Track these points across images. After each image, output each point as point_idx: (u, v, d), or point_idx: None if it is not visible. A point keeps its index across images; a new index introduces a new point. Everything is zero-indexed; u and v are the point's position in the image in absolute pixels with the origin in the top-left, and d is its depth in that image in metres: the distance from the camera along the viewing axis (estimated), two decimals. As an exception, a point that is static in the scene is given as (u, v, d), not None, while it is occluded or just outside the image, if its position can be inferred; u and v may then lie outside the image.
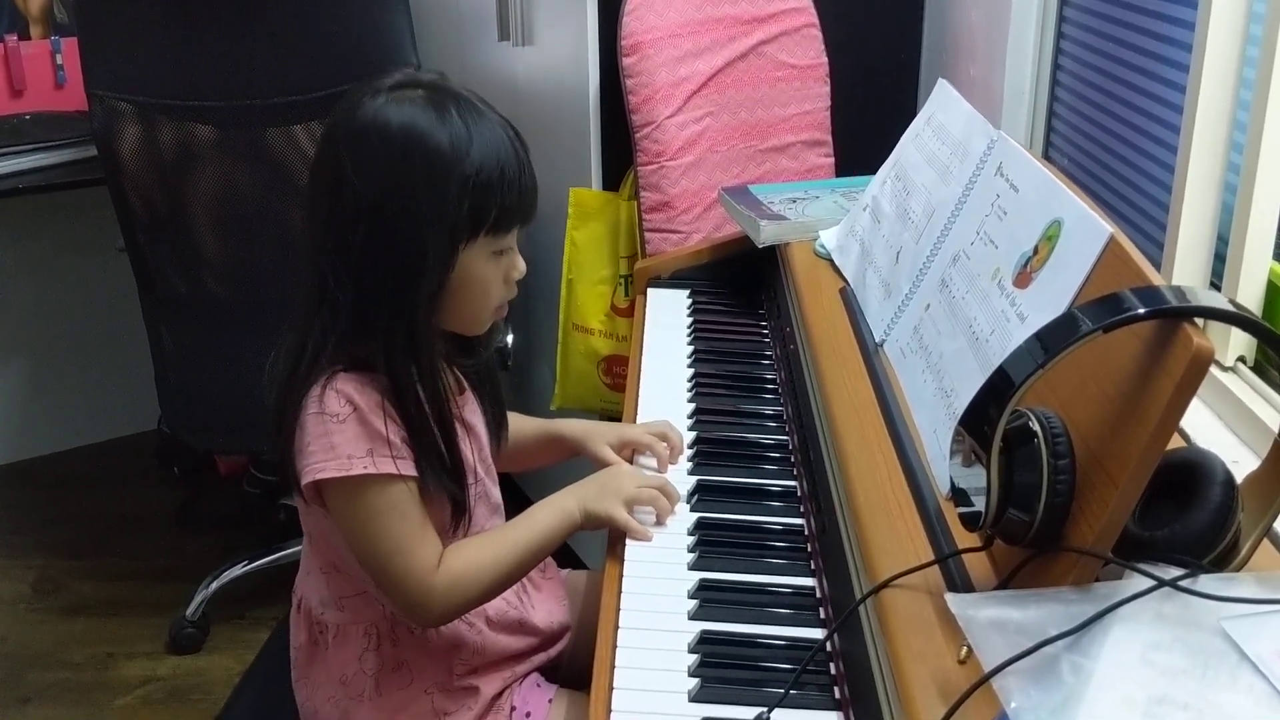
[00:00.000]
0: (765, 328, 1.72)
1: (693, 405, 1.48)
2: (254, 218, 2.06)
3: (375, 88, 1.14)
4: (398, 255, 1.12)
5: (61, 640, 2.35)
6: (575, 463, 1.44)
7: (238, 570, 2.37)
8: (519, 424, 1.42)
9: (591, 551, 2.19)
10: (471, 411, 1.27)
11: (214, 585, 2.35)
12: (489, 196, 1.13)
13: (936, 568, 0.98)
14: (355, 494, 1.13)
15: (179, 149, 2.03)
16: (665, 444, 1.35)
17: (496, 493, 1.32)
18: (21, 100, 2.64)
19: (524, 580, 1.32)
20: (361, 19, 2.06)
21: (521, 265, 1.21)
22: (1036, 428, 0.88)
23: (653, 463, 1.35)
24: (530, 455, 1.44)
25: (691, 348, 1.64)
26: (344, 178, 1.11)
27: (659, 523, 1.24)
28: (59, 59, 2.66)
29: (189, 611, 2.32)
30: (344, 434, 1.12)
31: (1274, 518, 0.90)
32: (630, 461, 1.36)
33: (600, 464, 1.36)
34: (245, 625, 2.37)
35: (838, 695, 1.00)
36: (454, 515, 1.20)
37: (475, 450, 1.26)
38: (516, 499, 1.34)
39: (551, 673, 1.36)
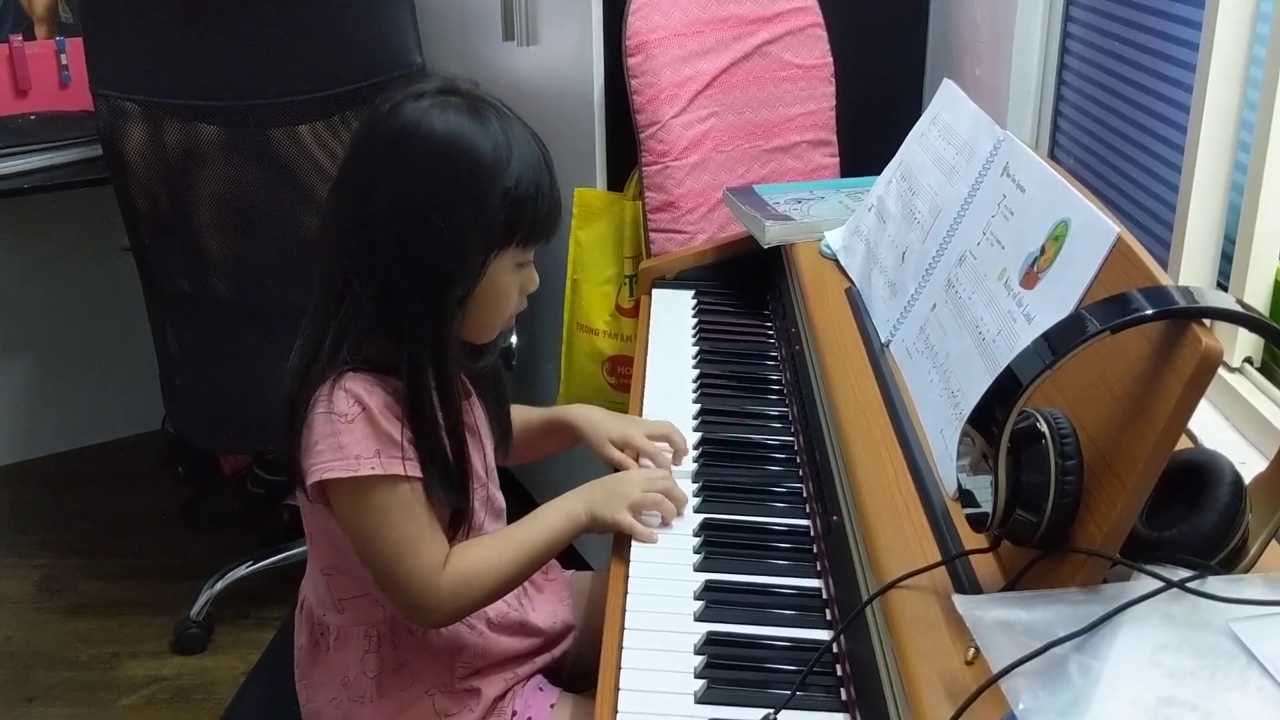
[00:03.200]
0: (770, 328, 1.72)
1: (698, 406, 1.48)
2: (259, 218, 2.06)
3: (416, 91, 1.14)
4: (434, 259, 1.12)
5: (66, 640, 2.36)
6: (581, 464, 1.44)
7: (242, 570, 2.37)
8: (524, 414, 1.43)
9: (596, 552, 2.19)
10: (476, 417, 1.27)
11: (219, 585, 2.35)
12: (524, 208, 1.14)
13: (943, 569, 0.98)
14: (362, 494, 1.13)
15: (184, 149, 2.03)
16: (668, 449, 1.35)
17: (500, 496, 1.32)
18: (26, 100, 2.64)
19: (525, 583, 1.32)
20: (367, 19, 2.06)
21: (536, 279, 1.22)
22: (1044, 428, 0.87)
23: (660, 459, 1.35)
24: (536, 445, 1.44)
25: (696, 348, 1.64)
26: (381, 179, 1.12)
27: (664, 525, 1.24)
28: (64, 59, 2.66)
29: (194, 611, 2.32)
30: (352, 434, 1.12)
31: (1282, 519, 0.90)
32: (635, 459, 1.35)
33: (603, 460, 1.36)
34: (250, 625, 2.37)
35: (844, 696, 1.00)
36: (454, 521, 1.20)
37: (479, 455, 1.26)
38: (523, 500, 1.34)
39: (555, 674, 1.35)
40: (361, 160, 1.15)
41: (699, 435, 1.41)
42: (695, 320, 1.73)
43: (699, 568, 1.17)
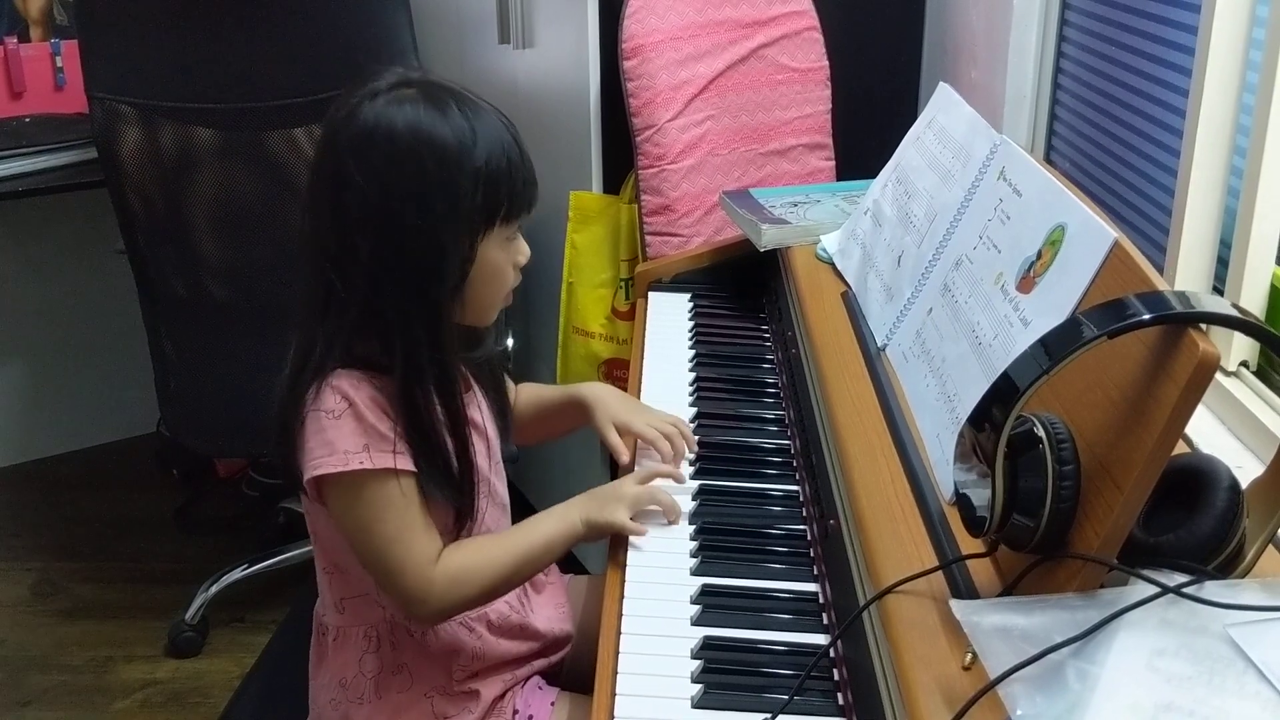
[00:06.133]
0: (766, 331, 1.72)
1: (694, 409, 1.48)
2: (254, 220, 2.06)
3: (370, 90, 1.14)
4: (416, 256, 1.11)
5: (60, 643, 2.35)
6: (579, 467, 1.44)
7: (237, 573, 2.36)
8: (540, 392, 1.44)
9: (593, 556, 2.19)
10: (476, 409, 1.27)
11: (213, 588, 2.34)
12: (500, 186, 1.14)
13: (940, 573, 0.98)
14: (353, 489, 1.13)
15: (179, 151, 2.03)
16: (668, 444, 1.35)
17: (504, 491, 1.31)
18: (21, 103, 2.63)
19: (526, 585, 1.32)
20: (362, 21, 2.06)
21: (526, 249, 1.22)
22: (1041, 433, 0.87)
23: (657, 457, 1.35)
24: (550, 423, 1.45)
25: (693, 351, 1.64)
26: (349, 184, 1.11)
27: (668, 520, 1.24)
28: (59, 61, 2.66)
29: (188, 615, 2.32)
30: (340, 429, 1.12)
31: (1279, 524, 0.90)
32: (634, 447, 1.36)
33: (601, 440, 1.36)
34: (244, 629, 2.37)
35: (841, 701, 0.99)
36: (458, 519, 1.20)
37: (484, 449, 1.25)
38: (520, 504, 1.34)
39: (553, 677, 1.35)
40: (327, 168, 1.14)
41: (695, 439, 1.41)
42: (691, 323, 1.73)
43: (696, 572, 1.17)
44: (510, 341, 2.35)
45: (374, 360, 1.14)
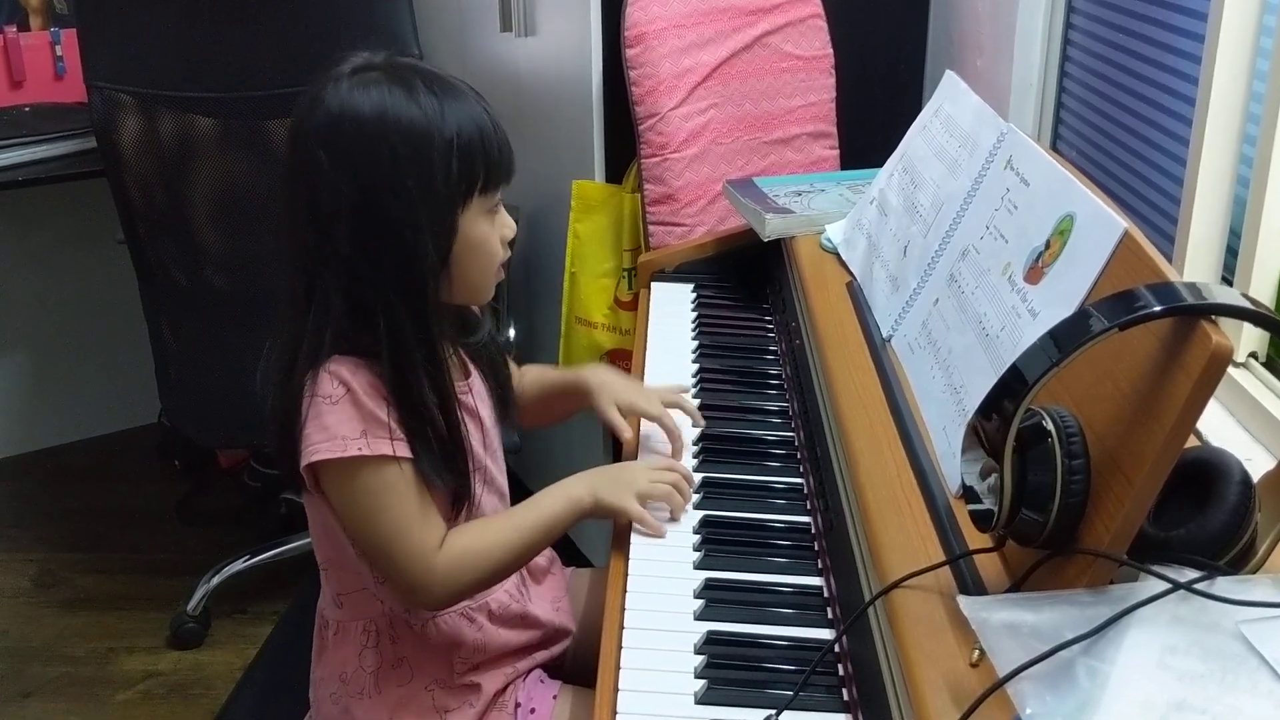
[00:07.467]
0: (770, 322, 1.71)
1: (697, 401, 1.47)
2: (254, 210, 2.05)
3: (334, 76, 1.13)
4: (396, 240, 1.10)
5: (62, 634, 2.35)
6: (581, 459, 1.43)
7: (239, 565, 2.36)
8: (544, 375, 1.44)
9: (596, 549, 2.18)
10: (477, 396, 1.26)
11: (215, 580, 2.34)
12: (474, 156, 1.13)
13: (947, 568, 0.96)
14: (351, 476, 1.12)
15: (179, 140, 2.02)
16: (672, 420, 1.34)
17: (502, 479, 1.30)
18: (21, 92, 2.62)
19: (525, 574, 1.31)
20: (363, 9, 2.05)
21: (510, 221, 1.21)
22: (1050, 427, 0.86)
23: (663, 448, 1.34)
24: (554, 405, 1.44)
25: (696, 342, 1.63)
26: (321, 174, 1.10)
27: (672, 518, 1.23)
28: (58, 50, 2.65)
29: (190, 606, 2.31)
30: (337, 415, 1.11)
31: (1291, 518, 0.88)
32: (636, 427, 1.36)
33: (602, 422, 1.36)
34: (246, 620, 2.36)
35: (846, 697, 0.98)
36: (455, 504, 1.19)
37: (480, 436, 1.24)
38: (521, 493, 1.33)
39: (555, 671, 1.34)
40: (298, 160, 1.13)
41: (698, 430, 1.40)
42: (695, 314, 1.72)
43: (699, 565, 1.16)
44: (512, 332, 2.34)
45: (367, 347, 1.13)
